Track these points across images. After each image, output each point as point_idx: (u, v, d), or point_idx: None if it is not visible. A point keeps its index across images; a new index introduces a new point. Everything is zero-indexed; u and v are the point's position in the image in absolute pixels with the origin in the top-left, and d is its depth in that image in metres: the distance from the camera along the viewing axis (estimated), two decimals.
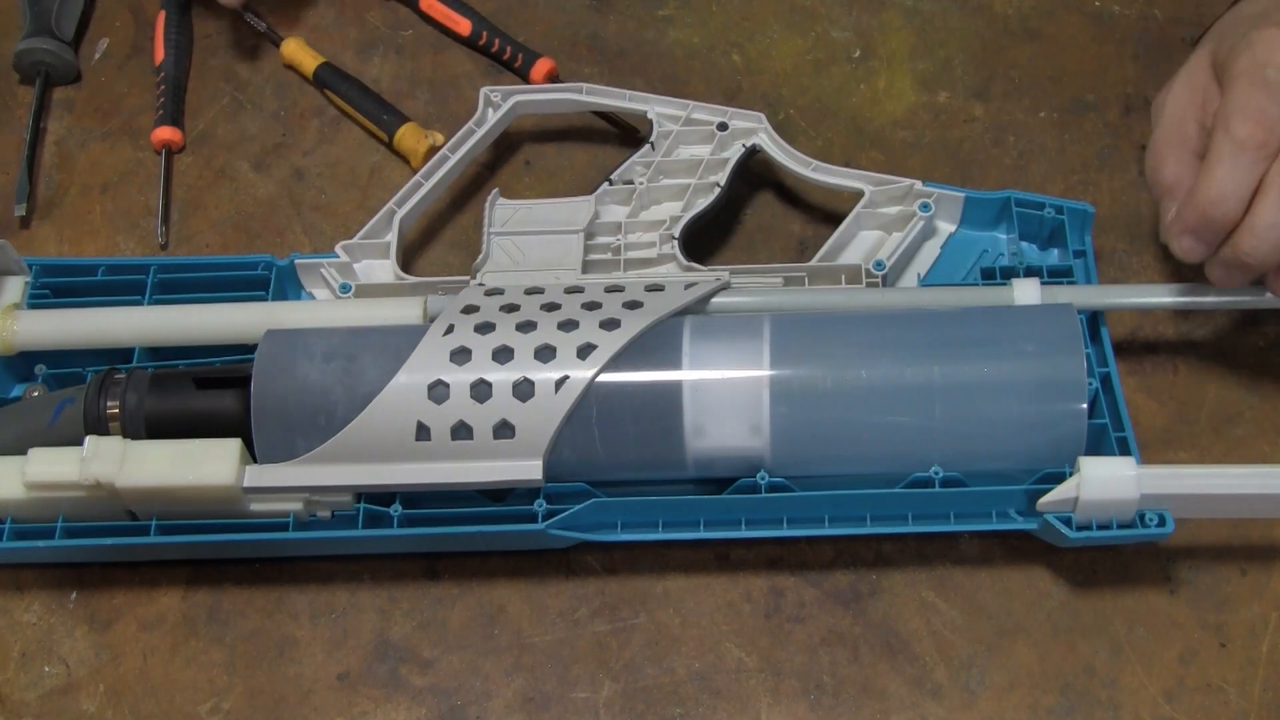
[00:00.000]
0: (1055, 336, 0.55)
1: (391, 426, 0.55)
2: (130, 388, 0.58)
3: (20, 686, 0.58)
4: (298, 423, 0.56)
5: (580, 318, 0.57)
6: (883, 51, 0.74)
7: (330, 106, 0.75)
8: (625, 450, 0.56)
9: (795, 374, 0.55)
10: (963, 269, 0.64)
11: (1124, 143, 0.70)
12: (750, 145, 0.66)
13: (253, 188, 0.72)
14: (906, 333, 0.57)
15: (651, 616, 0.58)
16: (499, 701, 0.57)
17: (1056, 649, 0.57)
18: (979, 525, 0.56)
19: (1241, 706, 0.55)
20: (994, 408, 0.55)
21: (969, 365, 0.55)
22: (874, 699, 0.56)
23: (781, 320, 0.58)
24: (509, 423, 0.55)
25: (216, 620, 0.59)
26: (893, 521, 0.56)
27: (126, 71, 0.77)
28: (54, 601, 0.60)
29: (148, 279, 0.64)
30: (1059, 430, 0.55)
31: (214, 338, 0.62)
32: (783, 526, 0.57)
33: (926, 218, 0.64)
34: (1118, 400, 0.58)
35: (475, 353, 0.56)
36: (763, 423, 0.55)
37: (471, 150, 0.68)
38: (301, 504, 0.57)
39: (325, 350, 0.57)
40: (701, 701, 0.56)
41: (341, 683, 0.58)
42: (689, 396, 0.55)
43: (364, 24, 0.78)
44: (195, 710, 0.57)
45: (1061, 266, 0.62)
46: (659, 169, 0.66)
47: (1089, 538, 0.55)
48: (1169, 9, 0.74)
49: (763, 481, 0.56)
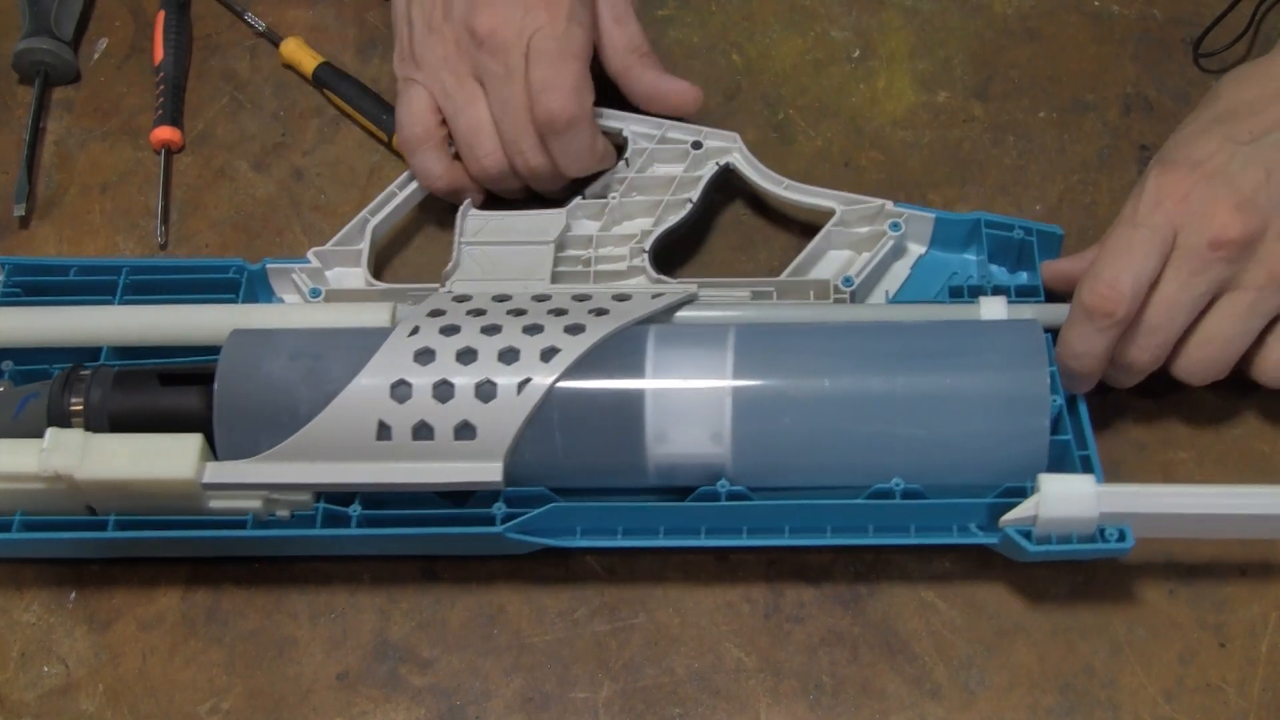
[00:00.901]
0: (1019, 352, 0.55)
1: (353, 425, 0.55)
2: (94, 384, 0.58)
3: (19, 686, 0.58)
4: (261, 421, 0.56)
5: (546, 322, 0.57)
6: (882, 51, 0.74)
7: (330, 106, 0.75)
8: (587, 455, 0.56)
9: (758, 383, 0.55)
10: (932, 289, 0.64)
11: (1124, 143, 0.70)
12: (723, 164, 0.66)
13: (252, 188, 0.72)
14: (870, 344, 0.57)
15: (651, 616, 0.58)
16: (498, 701, 0.57)
17: (1056, 649, 0.57)
18: (940, 539, 0.56)
19: (1241, 706, 0.55)
20: (956, 421, 0.55)
21: (932, 378, 0.55)
22: (874, 699, 0.56)
23: (746, 330, 0.58)
24: (470, 424, 0.55)
25: (216, 620, 0.59)
26: (853, 533, 0.56)
27: (126, 71, 0.77)
28: (53, 601, 0.60)
29: (119, 280, 0.64)
30: (1021, 446, 0.54)
31: (181, 338, 0.62)
32: (743, 536, 0.56)
33: (896, 237, 0.64)
34: (1082, 419, 0.58)
35: (439, 353, 0.56)
36: (724, 430, 0.55)
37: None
38: (261, 502, 0.57)
39: (291, 349, 0.57)
40: (701, 701, 0.56)
41: (341, 683, 0.58)
42: (651, 402, 0.55)
43: (364, 24, 0.78)
44: (195, 710, 0.57)
45: (1029, 287, 0.62)
46: (632, 185, 0.66)
47: (1048, 552, 0.54)
48: (1169, 9, 0.74)
49: (723, 490, 0.56)
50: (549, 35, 0.62)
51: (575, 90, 0.62)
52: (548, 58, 0.62)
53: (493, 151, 0.65)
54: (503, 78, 0.63)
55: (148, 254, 0.70)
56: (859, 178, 0.70)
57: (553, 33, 0.62)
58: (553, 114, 0.61)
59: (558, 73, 0.61)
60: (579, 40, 0.63)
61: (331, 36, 0.77)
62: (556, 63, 0.62)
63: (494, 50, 0.63)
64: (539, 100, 0.62)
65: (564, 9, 0.63)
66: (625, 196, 0.66)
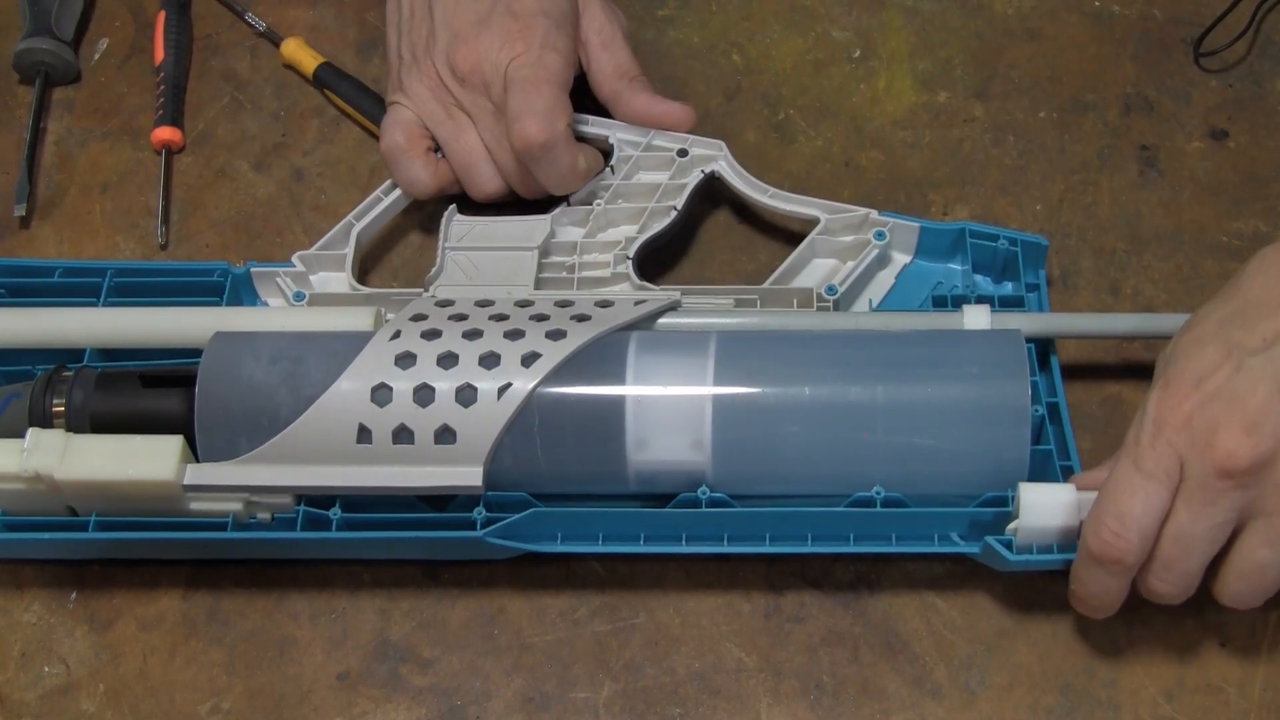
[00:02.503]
0: (1000, 362, 0.55)
1: (333, 428, 0.55)
2: (76, 385, 0.58)
3: (20, 686, 0.58)
4: (241, 423, 0.56)
5: (527, 328, 0.57)
6: (883, 51, 0.74)
7: (330, 106, 0.75)
8: (567, 461, 0.56)
9: (739, 390, 0.55)
10: (917, 299, 0.64)
11: (1124, 143, 0.70)
12: (709, 171, 0.66)
13: (253, 188, 0.72)
14: (852, 352, 0.57)
15: (651, 616, 0.58)
16: (499, 701, 0.57)
17: (1056, 649, 0.57)
18: (921, 547, 0.56)
19: (1241, 706, 0.55)
20: (936, 430, 0.54)
21: (913, 387, 0.55)
22: (874, 699, 0.56)
23: (728, 337, 0.57)
24: (450, 428, 0.55)
25: (216, 620, 0.59)
26: (834, 541, 0.56)
27: (126, 71, 0.77)
28: (54, 601, 0.60)
29: (104, 282, 0.64)
30: (1002, 456, 0.54)
31: (163, 341, 0.62)
32: (724, 543, 0.56)
33: (881, 246, 0.64)
34: (1065, 430, 0.58)
35: (420, 358, 0.56)
36: (704, 438, 0.55)
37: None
38: (241, 504, 0.57)
39: (272, 352, 0.57)
40: (701, 701, 0.56)
41: (341, 683, 0.58)
42: (632, 409, 0.55)
43: (364, 24, 0.78)
44: (195, 710, 0.57)
45: (1013, 297, 0.62)
46: (617, 192, 0.66)
47: (1029, 561, 0.55)
48: (1168, 9, 0.74)
49: (704, 497, 0.56)
50: (523, 64, 0.63)
51: (547, 115, 0.62)
52: (520, 86, 0.62)
53: (491, 178, 0.66)
54: (490, 111, 0.65)
55: (148, 254, 0.70)
56: (859, 178, 0.70)
57: (527, 60, 0.63)
58: (527, 140, 0.61)
59: (529, 100, 0.62)
60: (553, 66, 0.63)
61: (332, 36, 0.77)
62: (529, 90, 0.62)
63: (475, 87, 0.65)
64: (512, 129, 0.62)
65: (538, 36, 0.63)
66: (610, 203, 0.66)
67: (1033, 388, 0.55)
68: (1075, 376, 0.62)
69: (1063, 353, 0.62)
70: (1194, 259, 0.66)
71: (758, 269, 0.67)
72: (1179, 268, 0.66)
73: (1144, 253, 0.66)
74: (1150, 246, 0.66)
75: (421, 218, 0.70)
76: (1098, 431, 0.61)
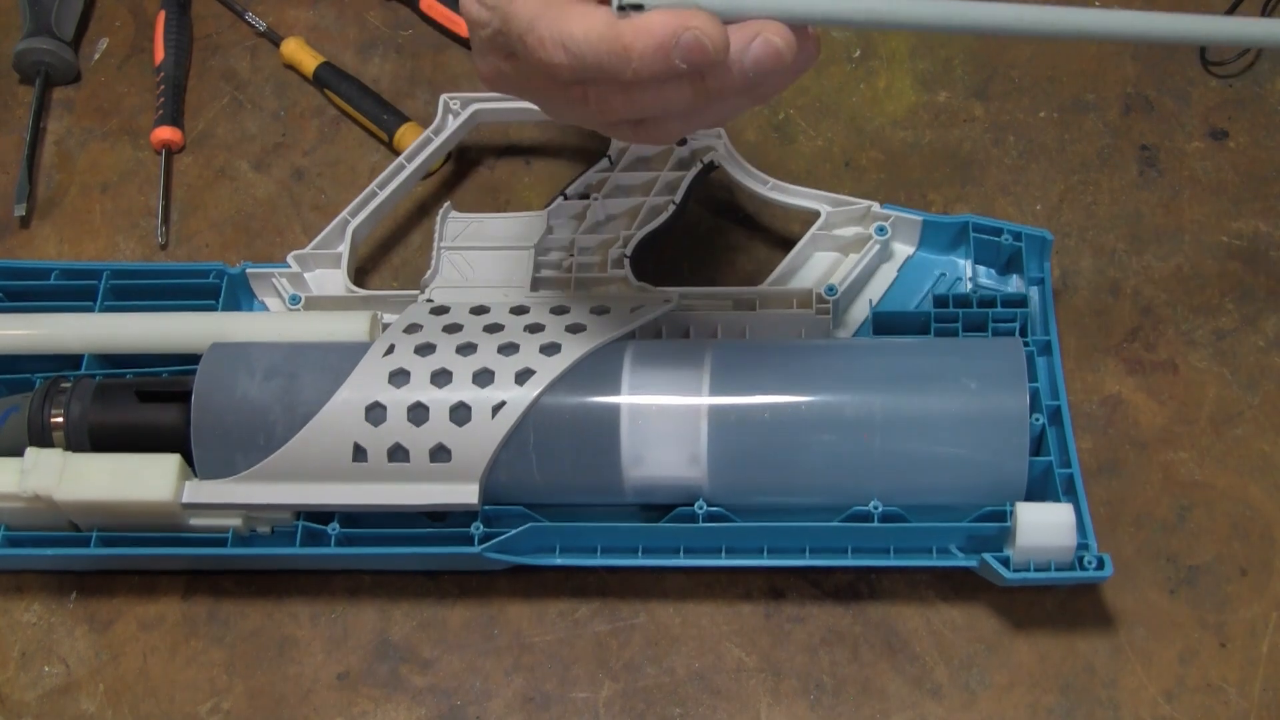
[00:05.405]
0: (999, 372, 0.55)
1: (328, 447, 0.55)
2: (75, 397, 0.58)
3: (20, 686, 0.58)
4: (237, 440, 0.56)
5: (521, 341, 0.56)
6: (883, 51, 0.74)
7: (330, 106, 0.75)
8: (563, 476, 0.56)
9: (735, 404, 0.55)
10: (918, 294, 0.64)
11: (1124, 142, 0.70)
12: (707, 160, 0.66)
13: (252, 187, 0.72)
14: (848, 365, 0.56)
15: (651, 616, 0.58)
16: (499, 701, 0.57)
17: (1056, 649, 0.57)
18: (919, 561, 0.56)
19: (1241, 706, 0.55)
20: (933, 444, 0.54)
21: (909, 400, 0.55)
22: (874, 699, 0.56)
23: (723, 349, 0.57)
24: (445, 447, 0.55)
25: (216, 620, 0.59)
26: (832, 554, 0.56)
27: (126, 71, 0.77)
28: (54, 602, 0.60)
29: (100, 284, 0.64)
30: (1000, 469, 0.54)
31: (160, 347, 0.62)
32: (721, 556, 0.57)
33: (883, 241, 0.64)
34: (1066, 435, 0.58)
35: (414, 375, 0.56)
36: (701, 453, 0.55)
37: (429, 159, 0.68)
38: (241, 519, 0.57)
39: (267, 367, 0.57)
40: (701, 701, 0.56)
41: (341, 683, 0.58)
42: (627, 424, 0.55)
43: (364, 24, 0.78)
44: (195, 710, 0.57)
45: (1016, 295, 0.62)
46: (615, 184, 0.65)
47: (1026, 578, 0.55)
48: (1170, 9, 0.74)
49: (700, 511, 0.56)
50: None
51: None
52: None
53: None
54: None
55: (148, 254, 0.70)
56: (859, 178, 0.70)
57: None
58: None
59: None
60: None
61: (332, 36, 0.77)
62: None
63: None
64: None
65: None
66: (608, 196, 0.65)
67: (1032, 394, 0.55)
68: (1075, 376, 0.62)
69: (1063, 353, 0.62)
70: (1194, 259, 0.66)
71: (757, 269, 0.67)
72: (1179, 268, 0.66)
73: (1144, 253, 0.66)
74: (1150, 246, 0.66)
75: (421, 218, 0.70)
76: (1098, 431, 0.61)
